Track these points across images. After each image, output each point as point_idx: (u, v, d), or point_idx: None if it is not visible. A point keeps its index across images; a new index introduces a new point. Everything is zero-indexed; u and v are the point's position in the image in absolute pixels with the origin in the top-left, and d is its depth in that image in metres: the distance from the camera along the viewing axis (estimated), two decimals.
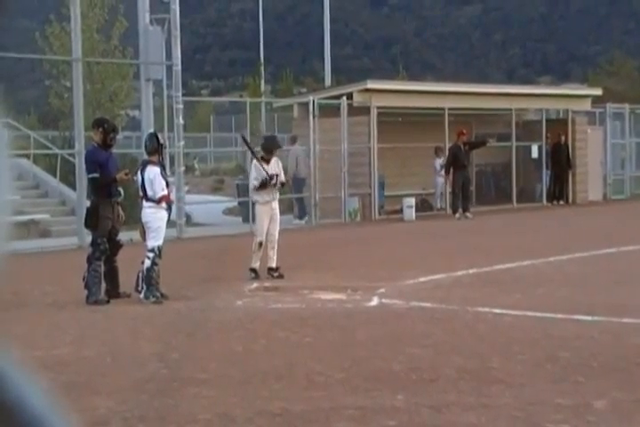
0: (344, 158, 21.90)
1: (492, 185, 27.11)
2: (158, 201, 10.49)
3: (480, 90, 25.83)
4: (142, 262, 10.41)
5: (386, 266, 13.42)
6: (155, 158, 10.67)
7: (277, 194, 12.13)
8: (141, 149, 20.63)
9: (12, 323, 8.99)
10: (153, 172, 10.54)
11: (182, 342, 8.09)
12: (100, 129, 10.88)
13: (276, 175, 11.95)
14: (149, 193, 10.56)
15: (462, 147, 22.31)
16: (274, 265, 11.86)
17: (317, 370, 6.90)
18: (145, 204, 10.68)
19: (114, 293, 10.69)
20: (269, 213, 11.92)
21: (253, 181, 12.06)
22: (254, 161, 12.24)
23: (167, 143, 11.30)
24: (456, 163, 22.15)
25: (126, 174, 10.88)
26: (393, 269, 13.05)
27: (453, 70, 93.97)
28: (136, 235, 11.58)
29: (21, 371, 0.66)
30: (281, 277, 11.80)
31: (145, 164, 10.78)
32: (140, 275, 10.39)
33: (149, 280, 10.32)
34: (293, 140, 22.60)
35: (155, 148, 10.68)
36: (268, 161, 12.00)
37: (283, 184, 12.24)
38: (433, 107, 23.40)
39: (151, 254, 10.37)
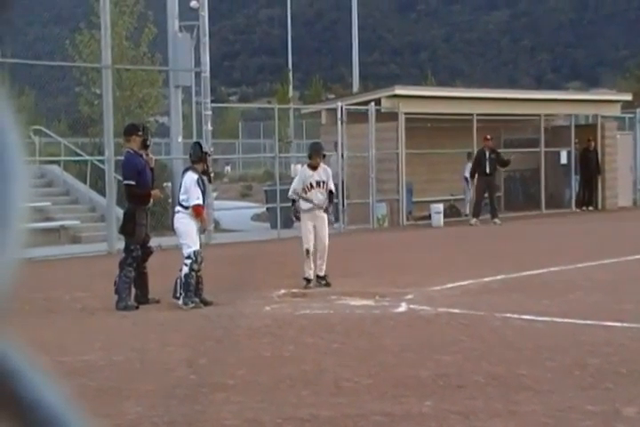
0: (372, 164, 21.90)
1: (521, 191, 27.01)
2: (193, 209, 10.49)
3: (508, 95, 25.76)
4: (180, 270, 10.45)
5: (414, 272, 13.39)
6: (199, 167, 10.73)
7: (323, 198, 11.90)
8: (170, 155, 20.82)
9: (43, 328, 9.06)
10: (190, 178, 10.59)
11: (211, 348, 8.12)
12: (140, 133, 10.90)
13: (322, 182, 11.89)
14: (182, 197, 10.61)
15: (487, 153, 22.23)
16: (320, 273, 11.81)
17: (345, 376, 6.90)
18: (176, 208, 10.77)
19: (143, 299, 10.74)
20: (312, 221, 11.86)
21: (292, 188, 12.08)
22: (301, 165, 12.30)
23: (211, 151, 11.29)
24: (478, 169, 22.15)
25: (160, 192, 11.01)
26: (421, 274, 13.03)
27: (482, 76, 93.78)
28: (165, 241, 11.68)
29: (39, 372, 0.67)
30: (328, 285, 11.76)
31: (186, 169, 10.90)
32: (178, 281, 10.42)
33: (187, 286, 10.36)
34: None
35: (198, 156, 10.77)
36: (314, 168, 11.99)
37: (331, 192, 12.13)
38: (461, 113, 23.35)
39: (188, 261, 10.40)
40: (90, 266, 15.04)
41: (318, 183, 11.85)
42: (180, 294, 10.41)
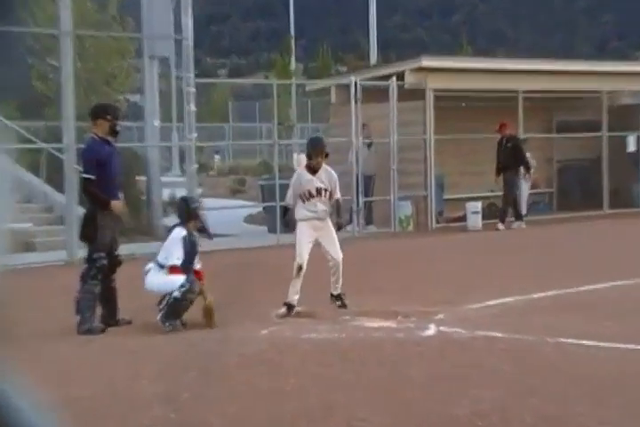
0: (393, 153, 21.92)
1: (578, 186, 26.98)
2: (168, 270, 10.56)
3: (563, 68, 25.68)
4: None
5: (445, 286, 13.41)
6: (191, 226, 10.81)
7: (326, 209, 11.66)
8: (144, 142, 20.88)
9: None
10: (176, 235, 10.68)
11: (194, 380, 8.14)
12: (108, 117, 10.85)
13: (323, 190, 11.66)
14: (161, 256, 10.69)
15: (504, 143, 22.18)
16: (334, 292, 11.70)
17: (360, 415, 6.91)
18: (152, 265, 10.78)
19: (111, 319, 10.77)
20: (313, 234, 11.64)
21: (288, 194, 11.87)
22: (298, 170, 12.06)
23: (202, 204, 11.20)
24: (497, 163, 22.19)
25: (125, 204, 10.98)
26: (454, 289, 13.04)
27: (530, 43, 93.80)
28: (138, 248, 11.74)
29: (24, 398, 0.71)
30: (343, 306, 11.64)
31: (174, 226, 10.97)
32: (167, 297, 10.49)
33: (173, 309, 10.48)
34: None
35: (185, 215, 10.85)
36: (313, 170, 11.66)
37: (338, 201, 11.82)
38: (504, 89, 23.36)
39: (182, 289, 10.49)
40: (45, 279, 15.08)
41: (319, 191, 11.55)
42: (164, 310, 10.47)
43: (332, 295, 11.75)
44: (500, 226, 22.02)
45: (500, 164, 22.22)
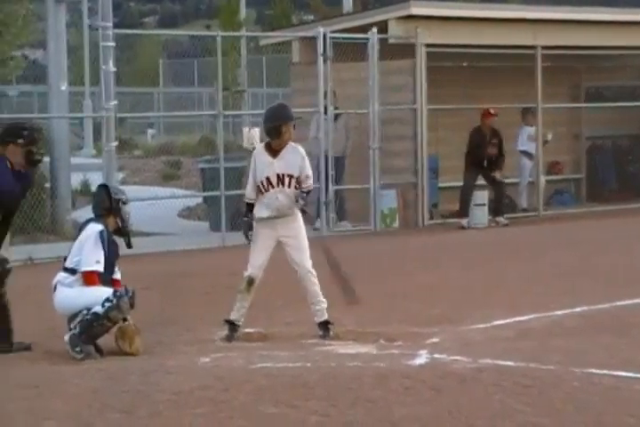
0: (374, 128, 21.88)
1: (614, 171, 27.00)
2: (83, 277, 10.54)
3: (595, 17, 25.65)
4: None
5: (441, 301, 13.44)
6: (110, 222, 10.81)
7: (290, 204, 11.36)
8: (48, 112, 20.76)
9: None
10: (90, 231, 10.64)
11: (115, 423, 8.10)
12: (20, 141, 10.55)
13: (287, 176, 11.32)
14: (72, 259, 10.65)
15: (487, 136, 22.14)
16: (318, 319, 11.45)
17: None
18: (61, 275, 10.73)
19: (4, 345, 10.68)
20: (273, 235, 11.45)
21: (248, 187, 11.54)
22: (256, 149, 11.72)
23: (126, 197, 11.09)
24: (474, 156, 22.11)
25: None
26: (453, 306, 13.07)
27: None
28: (37, 251, 11.64)
29: None
30: (324, 336, 11.36)
31: (87, 221, 10.92)
32: (84, 313, 10.45)
33: (89, 330, 10.42)
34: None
35: (106, 207, 10.82)
36: (274, 151, 11.39)
37: (308, 192, 11.52)
38: (518, 44, 23.33)
39: (107, 304, 10.42)
40: None
41: (281, 179, 11.29)
42: (76, 326, 10.43)
43: (318, 325, 11.46)
44: (502, 220, 22.20)
45: (476, 159, 22.24)
